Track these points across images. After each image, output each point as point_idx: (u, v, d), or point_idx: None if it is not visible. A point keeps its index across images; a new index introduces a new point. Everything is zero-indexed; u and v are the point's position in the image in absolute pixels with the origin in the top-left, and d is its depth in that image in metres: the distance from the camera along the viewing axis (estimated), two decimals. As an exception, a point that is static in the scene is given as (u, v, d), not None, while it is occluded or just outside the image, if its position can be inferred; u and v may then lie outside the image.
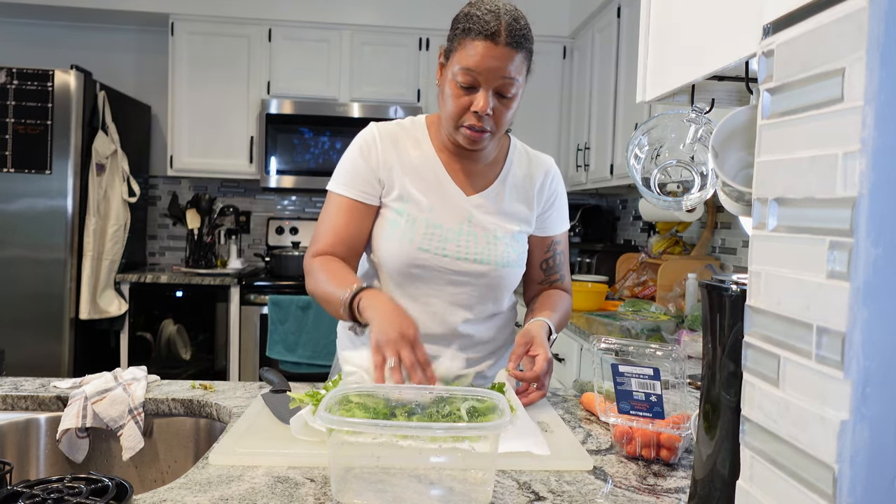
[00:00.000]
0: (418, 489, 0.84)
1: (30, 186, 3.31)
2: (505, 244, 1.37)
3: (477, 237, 1.35)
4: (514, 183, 1.41)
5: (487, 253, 1.35)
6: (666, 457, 1.02)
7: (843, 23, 0.51)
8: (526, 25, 1.27)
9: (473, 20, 1.22)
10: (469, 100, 1.25)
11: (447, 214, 1.35)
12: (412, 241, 1.32)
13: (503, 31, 1.21)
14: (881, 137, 0.49)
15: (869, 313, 0.49)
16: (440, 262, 1.33)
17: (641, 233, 3.76)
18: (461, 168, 1.39)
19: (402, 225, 1.33)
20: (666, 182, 1.02)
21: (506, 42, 1.21)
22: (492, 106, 1.24)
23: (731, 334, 0.73)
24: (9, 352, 3.09)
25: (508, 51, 1.21)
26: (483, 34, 1.21)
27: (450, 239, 1.33)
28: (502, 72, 1.22)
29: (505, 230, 1.38)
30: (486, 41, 1.20)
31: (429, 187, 1.36)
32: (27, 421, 1.26)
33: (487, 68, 1.21)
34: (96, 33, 4.17)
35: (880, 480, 0.50)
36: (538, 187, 1.43)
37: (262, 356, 3.57)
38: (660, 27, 0.98)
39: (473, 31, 1.21)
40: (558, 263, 1.49)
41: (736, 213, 0.87)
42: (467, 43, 1.22)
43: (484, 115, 1.25)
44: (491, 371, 1.45)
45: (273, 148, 3.77)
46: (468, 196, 1.37)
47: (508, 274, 1.38)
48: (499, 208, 1.38)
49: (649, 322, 2.49)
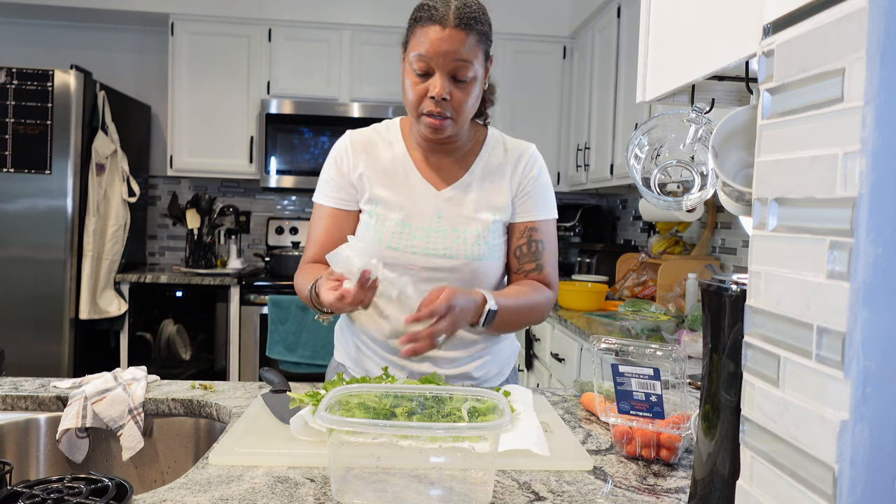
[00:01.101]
0: (418, 489, 0.84)
1: (30, 186, 3.31)
2: (476, 236, 1.36)
3: (446, 232, 1.35)
4: (488, 171, 1.40)
5: (457, 247, 1.35)
6: (666, 457, 1.02)
7: (843, 23, 0.51)
8: (479, 9, 1.27)
9: (424, 9, 1.26)
10: (426, 86, 1.27)
11: (417, 211, 1.36)
12: (381, 240, 1.35)
13: (451, 14, 1.23)
14: (881, 137, 0.49)
15: (869, 313, 0.49)
16: (410, 259, 1.34)
17: (641, 233, 3.76)
18: (434, 163, 1.40)
19: (373, 225, 1.37)
20: (666, 182, 1.02)
21: (454, 24, 1.23)
22: (448, 90, 1.26)
23: (731, 334, 0.73)
24: (9, 352, 3.09)
25: (458, 32, 1.23)
26: (432, 20, 1.24)
27: (418, 236, 1.35)
28: (454, 54, 1.24)
29: (477, 222, 1.37)
30: (435, 25, 1.23)
31: (399, 186, 1.38)
32: (27, 421, 1.26)
33: (437, 52, 1.24)
34: (96, 33, 4.17)
35: (880, 480, 0.50)
36: (511, 171, 1.41)
37: (262, 356, 3.57)
38: (660, 27, 0.98)
39: (423, 18, 1.25)
40: (534, 252, 1.42)
41: (736, 213, 0.87)
42: (419, 30, 1.25)
43: (441, 101, 1.26)
44: (478, 372, 1.43)
45: (273, 148, 3.77)
46: (439, 190, 1.38)
47: (481, 267, 1.36)
48: (471, 199, 1.38)
49: (649, 322, 2.49)
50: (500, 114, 3.98)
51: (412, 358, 1.36)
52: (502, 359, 1.48)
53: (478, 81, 1.29)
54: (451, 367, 1.40)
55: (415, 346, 1.18)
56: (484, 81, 1.33)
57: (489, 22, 1.30)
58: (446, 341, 1.29)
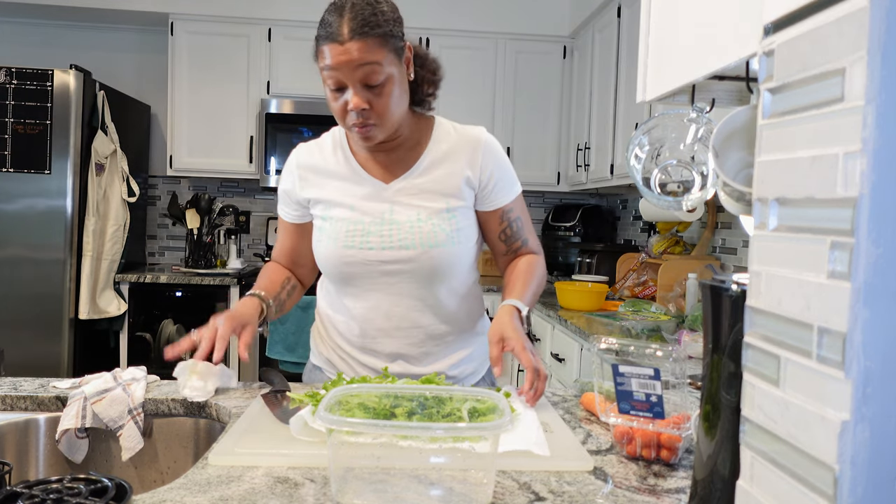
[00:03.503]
0: (418, 489, 0.84)
1: (29, 186, 3.31)
2: (432, 224, 1.35)
3: (400, 224, 1.35)
4: (438, 159, 1.38)
5: (411, 238, 1.34)
6: (666, 457, 1.02)
7: (844, 22, 0.51)
8: (371, 10, 1.22)
9: (322, 26, 1.24)
10: (344, 101, 1.25)
11: (368, 208, 1.37)
12: (336, 241, 1.36)
13: (344, 27, 1.20)
14: (882, 137, 0.49)
15: (870, 313, 0.49)
16: (366, 255, 1.35)
17: (641, 233, 3.76)
18: (382, 160, 1.39)
19: (328, 229, 1.38)
20: (666, 182, 1.02)
21: (349, 37, 1.20)
22: (366, 99, 1.24)
23: (731, 334, 0.73)
24: (8, 352, 3.10)
25: (356, 43, 1.20)
26: (329, 38, 1.22)
27: (372, 232, 1.35)
28: (356, 62, 1.21)
29: (430, 210, 1.36)
30: (333, 43, 1.21)
31: (348, 187, 1.38)
32: (26, 421, 1.26)
33: (340, 65, 1.21)
34: (96, 33, 4.17)
35: (881, 480, 0.50)
36: (468, 160, 1.38)
37: (262, 356, 3.57)
38: (660, 27, 0.98)
39: (322, 36, 1.23)
40: (516, 231, 1.45)
41: (736, 213, 0.87)
42: (322, 48, 1.24)
43: (361, 112, 1.25)
44: (453, 371, 1.44)
45: (273, 147, 3.77)
46: (388, 184, 1.37)
47: (441, 254, 1.35)
48: (422, 188, 1.37)
49: (649, 322, 2.49)
50: (500, 114, 3.98)
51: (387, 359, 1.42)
52: (477, 357, 1.49)
53: (395, 80, 1.26)
54: (425, 366, 1.41)
55: (537, 392, 1.22)
56: (406, 73, 1.30)
57: (391, 17, 1.25)
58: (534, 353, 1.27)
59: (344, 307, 1.43)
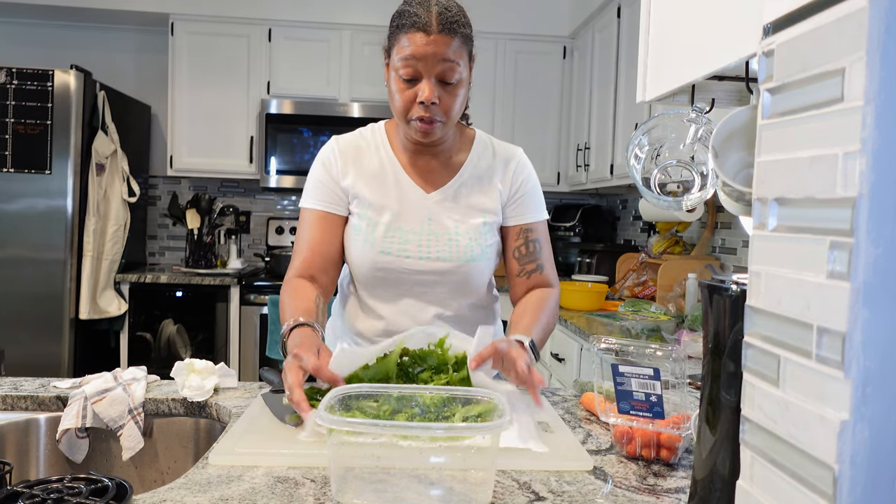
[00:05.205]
0: (418, 489, 0.84)
1: (30, 186, 3.31)
2: (469, 239, 1.37)
3: (438, 235, 1.36)
4: (477, 174, 1.41)
5: (449, 250, 1.35)
6: (666, 457, 1.02)
7: (844, 23, 0.51)
8: (459, 12, 1.28)
9: (405, 16, 1.26)
10: (413, 92, 1.27)
11: (408, 215, 1.37)
12: (373, 245, 1.35)
13: (434, 20, 1.23)
14: (881, 137, 0.49)
15: (869, 313, 0.49)
16: (403, 263, 1.35)
17: (641, 233, 3.76)
18: (422, 166, 1.40)
19: (364, 230, 1.37)
20: (666, 182, 1.02)
21: (438, 30, 1.23)
22: (437, 94, 1.26)
23: (731, 334, 0.73)
24: (9, 352, 3.10)
25: (442, 37, 1.24)
26: (415, 26, 1.24)
27: (410, 240, 1.35)
28: (440, 56, 1.24)
29: (468, 225, 1.37)
30: (420, 32, 1.23)
31: (388, 190, 1.38)
32: (27, 421, 1.26)
33: (425, 55, 1.24)
34: (96, 33, 4.17)
35: (880, 480, 0.50)
36: (501, 176, 1.41)
37: (262, 356, 3.57)
38: (660, 27, 0.98)
39: (406, 25, 1.25)
40: (532, 252, 1.43)
41: (736, 213, 0.87)
42: (402, 37, 1.25)
43: (430, 105, 1.26)
44: None
45: (273, 148, 3.77)
46: (428, 193, 1.38)
47: (475, 268, 1.37)
48: (461, 202, 1.38)
49: (649, 322, 2.49)
50: (500, 114, 3.98)
51: None
52: None
53: (464, 83, 1.30)
54: None
55: (537, 390, 1.13)
56: (469, 82, 1.34)
57: (470, 23, 1.31)
58: None
59: (369, 306, 1.42)
